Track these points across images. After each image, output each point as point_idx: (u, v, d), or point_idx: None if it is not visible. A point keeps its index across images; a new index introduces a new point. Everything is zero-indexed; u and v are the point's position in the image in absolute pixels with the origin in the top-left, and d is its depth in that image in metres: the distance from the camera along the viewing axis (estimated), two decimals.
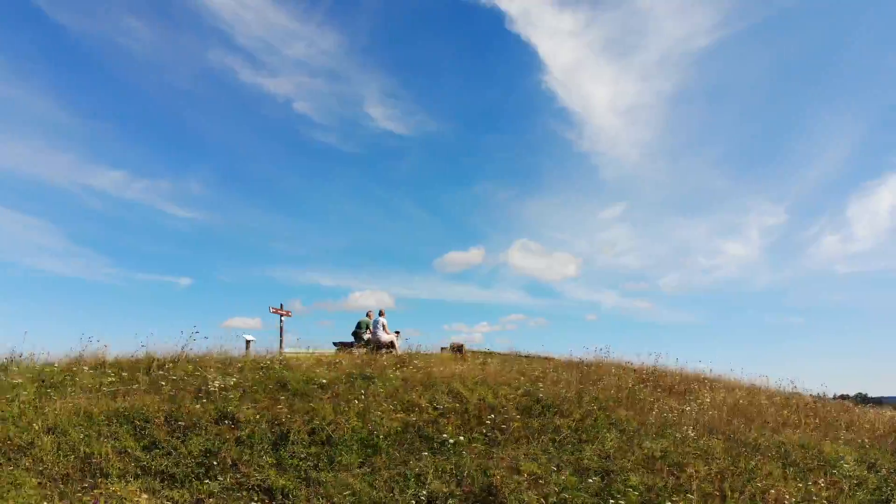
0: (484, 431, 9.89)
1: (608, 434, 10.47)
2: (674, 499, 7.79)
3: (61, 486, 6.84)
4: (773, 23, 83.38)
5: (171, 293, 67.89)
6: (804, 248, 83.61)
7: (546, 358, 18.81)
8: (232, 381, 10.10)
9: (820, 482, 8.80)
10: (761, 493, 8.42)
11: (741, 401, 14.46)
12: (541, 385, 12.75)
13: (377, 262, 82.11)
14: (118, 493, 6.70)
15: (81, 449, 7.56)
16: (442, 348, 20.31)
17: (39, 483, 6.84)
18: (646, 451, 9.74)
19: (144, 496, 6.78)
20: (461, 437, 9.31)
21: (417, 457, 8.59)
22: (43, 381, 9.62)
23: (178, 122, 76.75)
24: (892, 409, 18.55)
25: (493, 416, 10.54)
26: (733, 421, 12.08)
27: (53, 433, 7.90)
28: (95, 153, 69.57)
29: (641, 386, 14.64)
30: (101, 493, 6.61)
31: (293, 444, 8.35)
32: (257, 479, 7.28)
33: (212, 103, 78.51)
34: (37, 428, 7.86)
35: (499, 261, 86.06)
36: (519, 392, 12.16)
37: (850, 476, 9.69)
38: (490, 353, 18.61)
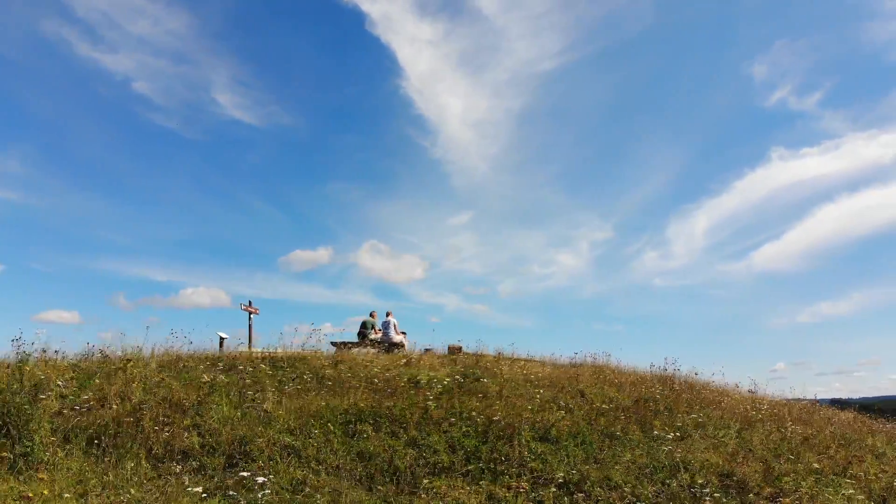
0: (642, 429, 10.51)
1: (723, 430, 11.58)
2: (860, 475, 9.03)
3: (379, 487, 6.40)
4: (613, 53, 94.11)
5: None
6: (628, 262, 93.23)
7: (543, 361, 19.73)
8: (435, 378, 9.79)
9: None
10: None
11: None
12: (630, 387, 13.64)
13: (216, 257, 77.70)
14: (450, 492, 6.42)
15: (356, 448, 7.07)
16: (426, 349, 20.52)
17: (369, 488, 6.35)
18: (766, 442, 10.97)
19: (467, 492, 6.56)
20: (640, 433, 9.88)
21: (620, 451, 9.02)
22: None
23: (0, 93, 67.38)
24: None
25: (630, 415, 11.19)
26: (800, 417, 13.90)
27: (294, 434, 7.27)
28: None
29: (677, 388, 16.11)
30: (437, 493, 6.30)
31: (527, 440, 8.40)
32: (552, 474, 7.29)
33: (41, 76, 70.12)
34: (277, 429, 7.19)
35: (347, 261, 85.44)
36: (620, 394, 12.94)
37: None
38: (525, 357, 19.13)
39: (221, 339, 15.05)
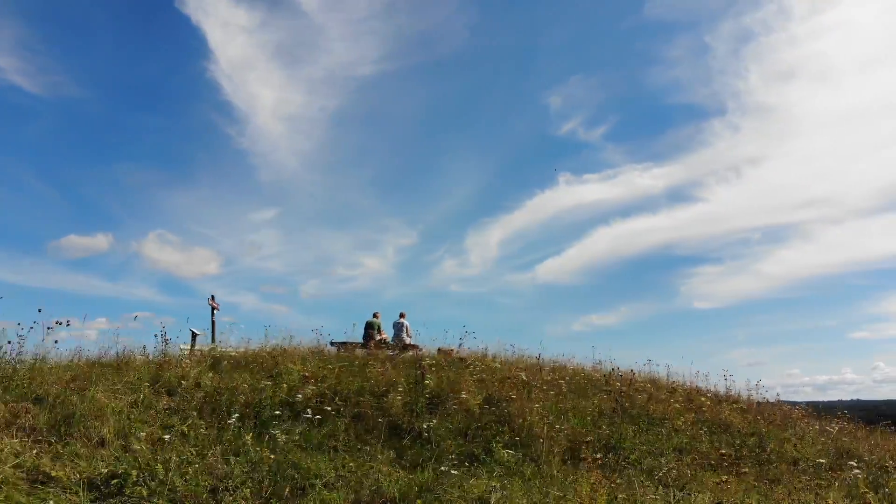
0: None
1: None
2: None
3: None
4: (428, 68, 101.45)
5: None
6: (429, 269, 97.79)
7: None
8: None
9: None
10: None
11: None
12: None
13: None
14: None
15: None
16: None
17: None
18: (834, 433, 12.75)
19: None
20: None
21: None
22: None
23: None
24: None
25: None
26: None
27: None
28: None
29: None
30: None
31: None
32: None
33: None
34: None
35: (130, 250, 79.68)
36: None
37: None
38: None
39: (194, 334, 13.80)
